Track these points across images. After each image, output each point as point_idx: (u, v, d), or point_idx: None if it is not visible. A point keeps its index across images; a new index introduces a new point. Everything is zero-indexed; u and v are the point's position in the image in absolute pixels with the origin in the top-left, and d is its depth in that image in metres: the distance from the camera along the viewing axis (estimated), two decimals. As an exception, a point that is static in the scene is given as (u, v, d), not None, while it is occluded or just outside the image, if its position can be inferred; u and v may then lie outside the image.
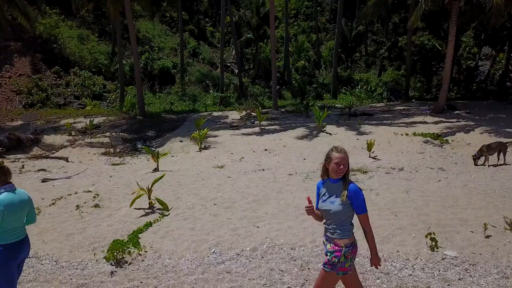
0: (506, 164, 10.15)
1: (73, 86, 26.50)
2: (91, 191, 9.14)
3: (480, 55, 28.44)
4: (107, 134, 17.50)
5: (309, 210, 3.47)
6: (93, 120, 18.43)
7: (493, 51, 28.10)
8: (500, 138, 12.73)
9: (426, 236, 5.62)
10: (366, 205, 3.41)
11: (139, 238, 6.33)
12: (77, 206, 8.04)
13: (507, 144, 10.42)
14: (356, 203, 3.34)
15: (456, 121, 15.67)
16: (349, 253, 3.36)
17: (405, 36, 26.78)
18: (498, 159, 10.21)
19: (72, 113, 22.12)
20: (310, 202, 3.48)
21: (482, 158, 10.32)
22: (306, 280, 4.88)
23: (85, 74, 27.27)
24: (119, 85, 25.76)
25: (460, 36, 26.47)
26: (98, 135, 17.13)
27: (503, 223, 6.16)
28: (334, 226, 3.41)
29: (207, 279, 5.04)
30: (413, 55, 26.55)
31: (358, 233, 3.63)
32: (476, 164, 10.24)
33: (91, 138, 16.45)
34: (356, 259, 5.29)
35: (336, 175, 3.38)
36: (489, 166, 10.04)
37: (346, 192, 3.31)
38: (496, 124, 14.76)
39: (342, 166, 3.34)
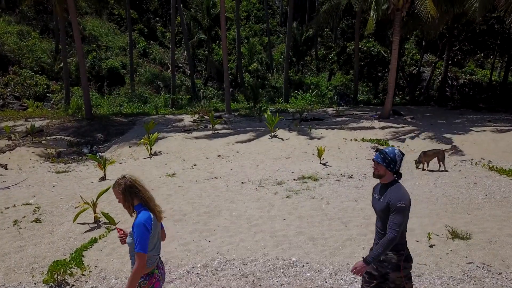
0: (446, 171, 10.69)
1: (12, 86, 24.88)
2: (31, 204, 8.56)
3: (422, 61, 29.92)
4: (51, 138, 16.58)
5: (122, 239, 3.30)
6: (34, 124, 17.36)
7: (435, 58, 29.72)
8: (440, 144, 13.43)
9: (374, 247, 5.75)
10: (144, 244, 3.02)
11: (82, 256, 6.00)
12: (15, 221, 7.49)
13: (444, 152, 10.97)
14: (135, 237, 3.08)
15: (401, 127, 16.34)
16: (144, 284, 3.13)
17: (352, 42, 27.62)
18: (439, 165, 10.74)
19: (12, 115, 20.76)
20: (120, 231, 3.33)
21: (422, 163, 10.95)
22: (258, 298, 4.83)
23: (26, 73, 25.69)
24: (64, 85, 24.49)
25: (403, 44, 27.75)
26: (41, 140, 16.18)
27: (445, 232, 6.44)
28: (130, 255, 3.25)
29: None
30: (360, 61, 27.46)
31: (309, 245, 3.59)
32: (417, 168, 10.92)
33: (33, 143, 15.49)
34: (307, 274, 5.32)
35: None
36: (427, 170, 10.72)
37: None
38: (437, 130, 15.56)
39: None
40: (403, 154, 3.33)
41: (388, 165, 3.26)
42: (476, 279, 5.03)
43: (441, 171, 10.62)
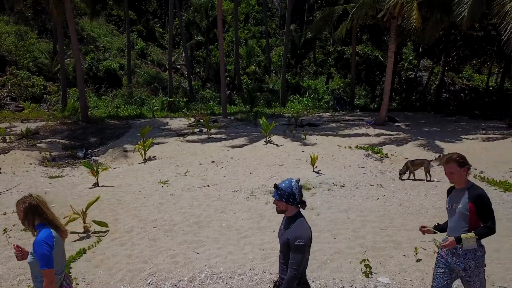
0: (431, 181, 10.72)
1: (9, 87, 24.86)
2: (21, 211, 8.55)
3: (419, 66, 30.03)
4: (46, 141, 16.57)
5: None
6: (30, 127, 17.35)
7: (432, 63, 29.85)
8: (430, 151, 13.48)
9: (361, 262, 5.78)
10: (48, 260, 3.06)
11: (70, 268, 6.01)
12: (4, 230, 7.50)
13: (431, 161, 11.00)
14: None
15: (396, 134, 16.39)
16: None
17: (350, 46, 27.71)
18: (426, 175, 10.77)
19: (7, 116, 20.77)
20: (17, 248, 3.32)
21: (409, 172, 10.97)
22: (242, 314, 4.85)
23: (23, 74, 25.68)
24: (61, 86, 24.49)
25: (401, 49, 27.85)
26: (36, 143, 16.17)
27: (433, 246, 6.47)
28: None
29: (141, 316, 4.87)
30: (358, 65, 27.55)
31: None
32: (400, 178, 10.86)
33: (28, 146, 15.49)
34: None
35: None
36: (415, 179, 10.76)
37: None
38: (431, 137, 15.61)
39: None
40: (298, 183, 3.27)
41: (287, 200, 3.21)
42: (461, 297, 5.07)
43: (427, 181, 10.66)
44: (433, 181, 10.74)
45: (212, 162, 13.35)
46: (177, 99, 27.17)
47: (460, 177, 3.68)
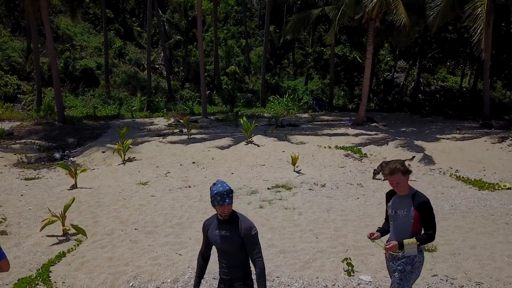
0: (411, 180, 10.91)
1: (-19, 86, 24.10)
2: (-3, 214, 8.34)
3: (396, 68, 30.61)
4: (21, 142, 16.14)
5: None
6: (3, 127, 16.85)
7: (408, 65, 30.48)
8: (412, 152, 13.78)
9: (343, 261, 5.86)
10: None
11: (50, 272, 5.89)
12: (-21, 233, 7.29)
13: (405, 161, 11.22)
14: None
15: (374, 134, 16.67)
16: None
17: (329, 47, 28.01)
18: None
19: (-21, 116, 20.12)
20: None
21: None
22: (227, 315, 4.85)
23: (-4, 73, 24.93)
24: (35, 86, 23.85)
25: (378, 51, 28.35)
26: (10, 143, 15.72)
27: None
28: None
29: (124, 319, 4.81)
30: (337, 66, 27.87)
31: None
32: (374, 178, 11.05)
33: (1, 147, 15.05)
34: (282, 280, 5.39)
35: None
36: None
37: None
38: (409, 137, 15.96)
39: None
40: (214, 185, 3.24)
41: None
42: (439, 293, 5.21)
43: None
44: (410, 180, 10.96)
45: (193, 162, 13.28)
46: (157, 99, 26.88)
47: (405, 185, 3.74)
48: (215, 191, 3.17)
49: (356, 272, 5.77)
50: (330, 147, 14.44)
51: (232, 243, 3.24)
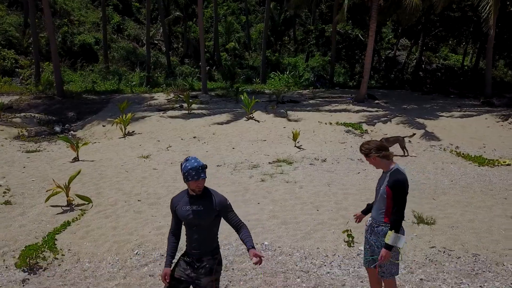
0: (411, 156, 11.03)
1: (-22, 60, 23.85)
2: (1, 185, 8.39)
3: (398, 46, 30.33)
4: (21, 115, 16.12)
5: None
6: (2, 101, 16.77)
7: (410, 43, 30.18)
8: (412, 128, 13.81)
9: (344, 232, 5.96)
10: None
11: (55, 240, 5.98)
12: (-17, 204, 7.36)
13: (404, 138, 11.27)
14: None
15: (375, 111, 16.65)
16: None
17: (330, 24, 27.66)
18: (403, 151, 11.07)
19: (-23, 90, 20.00)
20: None
21: None
22: (230, 282, 4.96)
23: (-7, 47, 24.62)
24: (33, 60, 23.60)
25: (380, 28, 28.00)
26: (10, 117, 15.70)
27: (411, 217, 6.72)
28: None
29: (129, 284, 4.92)
30: (338, 43, 27.57)
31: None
32: None
33: (1, 120, 15.03)
34: (279, 258, 5.50)
35: None
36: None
37: None
38: (410, 114, 15.96)
39: None
40: (187, 162, 3.20)
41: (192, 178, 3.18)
42: (437, 263, 5.31)
43: (405, 156, 10.96)
44: (411, 156, 11.04)
45: (194, 137, 13.31)
46: (156, 75, 26.67)
47: (375, 164, 3.83)
48: (189, 167, 3.14)
49: (356, 243, 5.87)
50: (331, 123, 14.45)
51: (206, 217, 3.24)
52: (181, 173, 3.22)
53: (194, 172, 3.14)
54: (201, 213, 3.23)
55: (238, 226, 3.33)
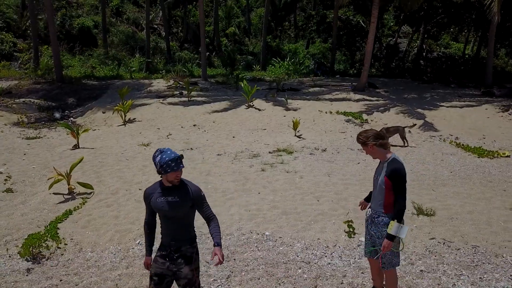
0: (410, 146, 11.05)
1: (-24, 43, 23.62)
2: (2, 173, 8.40)
3: (399, 33, 30.09)
4: (20, 101, 16.03)
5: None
6: (1, 86, 16.68)
7: (412, 30, 29.95)
8: (412, 118, 13.81)
9: (345, 223, 6.01)
10: None
11: (57, 229, 6.02)
12: (-16, 191, 7.38)
13: (405, 128, 11.27)
14: None
15: (376, 100, 16.62)
16: None
17: (332, 10, 27.38)
18: (403, 141, 11.08)
19: (-25, 74, 19.87)
20: None
21: None
22: (232, 272, 5.01)
23: (-10, 30, 24.37)
24: (32, 44, 23.37)
25: (382, 14, 27.73)
26: (9, 102, 15.62)
27: (411, 208, 6.77)
28: None
29: (132, 274, 4.97)
30: (339, 30, 27.34)
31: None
32: None
33: (1, 106, 14.97)
34: (280, 248, 5.55)
35: None
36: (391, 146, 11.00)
37: None
38: (410, 104, 15.93)
39: None
40: (164, 153, 3.19)
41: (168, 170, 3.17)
42: (437, 254, 5.37)
43: (405, 146, 10.98)
44: (411, 146, 11.07)
45: (194, 125, 13.29)
46: (156, 60, 26.47)
47: (372, 153, 3.82)
48: (167, 158, 3.12)
49: (357, 234, 5.93)
50: (331, 112, 14.43)
51: (182, 207, 3.26)
52: (159, 167, 3.14)
53: (174, 163, 3.14)
54: (177, 204, 3.24)
55: (210, 218, 3.38)
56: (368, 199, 4.29)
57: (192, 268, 3.35)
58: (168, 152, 3.18)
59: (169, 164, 3.13)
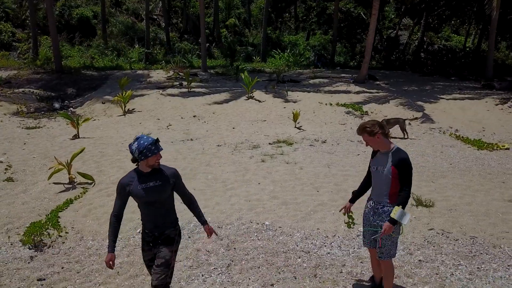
0: (410, 138, 11.07)
1: (-26, 33, 23.51)
2: (2, 162, 8.42)
3: (400, 25, 29.96)
4: (19, 91, 15.99)
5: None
6: (1, 76, 16.62)
7: (413, 22, 29.83)
8: (412, 110, 13.81)
9: (344, 214, 6.03)
10: None
11: (58, 217, 6.05)
12: (-16, 181, 7.40)
13: (405, 120, 11.28)
14: None
15: (376, 92, 16.61)
16: None
17: (333, 2, 27.24)
18: (403, 133, 11.10)
19: (-26, 64, 19.80)
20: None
21: None
22: (232, 261, 5.05)
23: (-11, 19, 24.23)
24: (31, 34, 23.25)
25: (383, 6, 27.60)
26: (8, 92, 15.59)
27: (410, 199, 6.78)
28: None
29: (133, 262, 5.01)
30: (340, 22, 27.22)
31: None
32: None
33: (0, 95, 14.93)
34: (280, 238, 5.59)
35: None
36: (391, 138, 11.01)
37: None
38: (410, 96, 15.92)
39: None
40: (140, 140, 3.20)
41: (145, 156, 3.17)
42: (435, 245, 5.41)
43: (405, 138, 11.00)
44: (411, 138, 11.09)
45: (194, 116, 13.28)
46: (155, 51, 26.38)
47: (377, 144, 3.79)
48: (145, 143, 3.13)
49: (356, 225, 5.93)
50: (331, 104, 14.42)
51: (165, 191, 3.29)
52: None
53: (153, 146, 3.17)
54: (160, 188, 3.27)
55: (189, 197, 3.53)
56: (353, 199, 4.41)
57: (172, 250, 3.41)
58: (144, 137, 3.23)
59: (149, 148, 3.15)
